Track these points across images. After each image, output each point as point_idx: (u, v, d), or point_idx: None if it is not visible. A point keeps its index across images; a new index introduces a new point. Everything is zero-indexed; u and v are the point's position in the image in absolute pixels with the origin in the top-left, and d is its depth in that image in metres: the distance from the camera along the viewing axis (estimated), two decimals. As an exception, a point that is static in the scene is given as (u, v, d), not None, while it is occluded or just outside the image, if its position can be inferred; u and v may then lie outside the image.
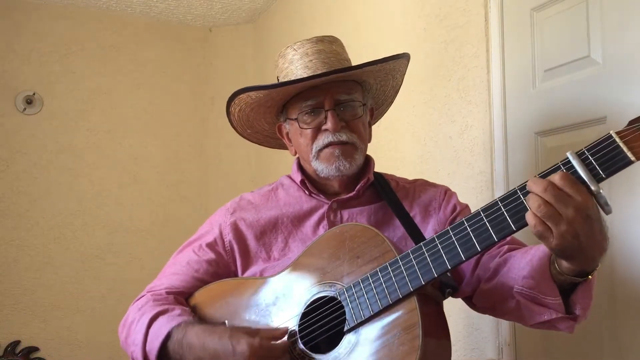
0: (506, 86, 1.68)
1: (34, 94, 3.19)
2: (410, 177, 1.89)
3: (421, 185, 1.43)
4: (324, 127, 1.30)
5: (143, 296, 1.36)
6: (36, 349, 3.07)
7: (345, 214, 1.35)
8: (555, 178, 0.90)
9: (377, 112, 1.52)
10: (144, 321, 1.26)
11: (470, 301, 1.30)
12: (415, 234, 1.29)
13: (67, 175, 3.24)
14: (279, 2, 3.25)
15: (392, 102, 1.53)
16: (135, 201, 3.39)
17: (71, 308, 3.17)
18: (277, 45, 3.23)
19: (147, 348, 1.23)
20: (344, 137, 1.29)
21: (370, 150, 1.41)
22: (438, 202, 1.37)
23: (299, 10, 3.02)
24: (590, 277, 1.00)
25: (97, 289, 3.21)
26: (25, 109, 3.16)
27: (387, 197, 1.36)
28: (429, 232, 1.33)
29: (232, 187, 3.35)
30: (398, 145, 2.13)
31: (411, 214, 1.34)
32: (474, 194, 1.75)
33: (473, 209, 1.05)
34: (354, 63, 1.34)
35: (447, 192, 1.40)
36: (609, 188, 1.35)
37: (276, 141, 1.51)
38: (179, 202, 3.47)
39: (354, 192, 1.35)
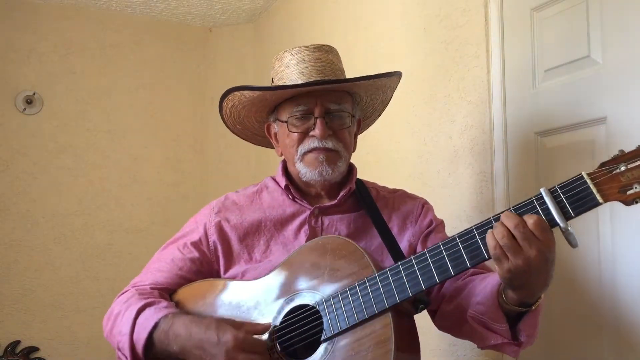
0: (506, 86, 1.68)
1: (34, 94, 3.19)
2: (410, 177, 1.89)
3: (400, 196, 1.48)
4: (311, 133, 1.34)
5: (128, 290, 1.40)
6: (36, 349, 3.07)
7: (326, 220, 1.39)
8: (530, 221, 0.98)
9: (364, 123, 1.55)
10: (132, 312, 1.29)
11: (433, 318, 1.36)
12: (392, 245, 1.33)
13: (67, 175, 3.24)
14: (279, 2, 3.25)
15: (380, 114, 1.57)
16: (135, 201, 3.39)
17: (71, 308, 3.16)
18: (277, 45, 3.23)
19: (135, 338, 1.27)
20: (329, 144, 1.34)
21: (370, 151, 1.42)
22: (415, 215, 1.42)
23: (299, 10, 3.02)
24: (533, 308, 1.08)
25: (97, 289, 3.20)
26: (25, 109, 3.16)
27: (367, 206, 1.40)
28: (404, 243, 1.38)
29: (232, 187, 3.27)
30: (398, 146, 2.13)
31: (389, 225, 1.39)
32: (474, 194, 1.75)
33: (473, 209, 1.05)
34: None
35: (424, 206, 1.45)
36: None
37: (263, 139, 1.54)
38: (179, 202, 3.46)
39: (336, 201, 1.39)
